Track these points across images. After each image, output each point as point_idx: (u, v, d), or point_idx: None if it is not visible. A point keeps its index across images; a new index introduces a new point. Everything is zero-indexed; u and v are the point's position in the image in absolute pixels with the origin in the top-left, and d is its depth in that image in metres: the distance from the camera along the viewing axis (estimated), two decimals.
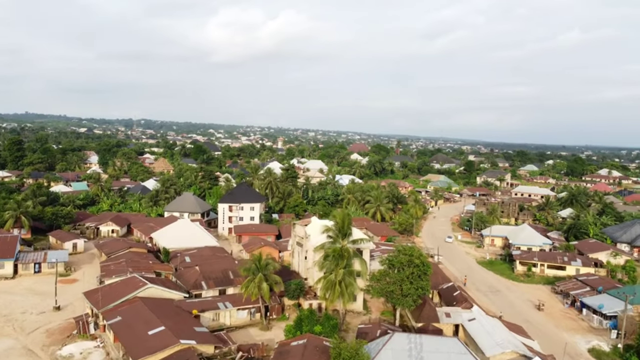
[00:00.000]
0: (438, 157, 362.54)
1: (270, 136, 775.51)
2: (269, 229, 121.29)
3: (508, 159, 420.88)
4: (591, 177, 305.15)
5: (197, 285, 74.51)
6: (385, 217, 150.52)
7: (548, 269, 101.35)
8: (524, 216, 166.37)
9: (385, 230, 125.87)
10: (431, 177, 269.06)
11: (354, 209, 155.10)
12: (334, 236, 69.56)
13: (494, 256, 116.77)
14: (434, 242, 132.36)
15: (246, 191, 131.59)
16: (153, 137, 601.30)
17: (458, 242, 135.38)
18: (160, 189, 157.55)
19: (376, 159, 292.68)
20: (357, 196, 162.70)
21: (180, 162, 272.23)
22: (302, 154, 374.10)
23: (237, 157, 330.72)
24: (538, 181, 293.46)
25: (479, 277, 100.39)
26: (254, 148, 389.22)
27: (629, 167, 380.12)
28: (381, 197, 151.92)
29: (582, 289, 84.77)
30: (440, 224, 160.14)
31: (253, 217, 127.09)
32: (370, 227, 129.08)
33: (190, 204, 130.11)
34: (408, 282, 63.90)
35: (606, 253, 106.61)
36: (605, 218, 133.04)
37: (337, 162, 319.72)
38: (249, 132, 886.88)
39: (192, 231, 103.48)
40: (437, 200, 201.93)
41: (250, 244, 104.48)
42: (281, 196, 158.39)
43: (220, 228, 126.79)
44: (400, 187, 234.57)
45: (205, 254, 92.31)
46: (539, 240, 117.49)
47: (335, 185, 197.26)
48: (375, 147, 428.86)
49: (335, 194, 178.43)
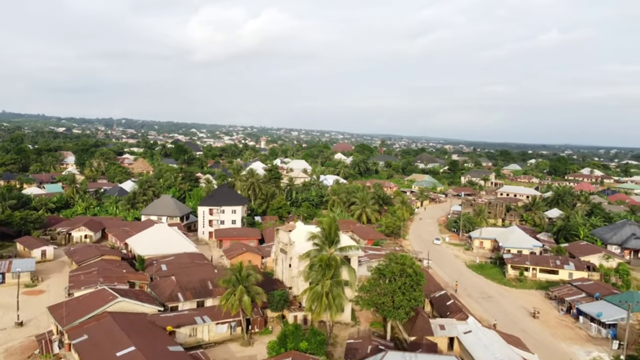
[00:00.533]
0: (422, 156, 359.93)
1: (253, 136, 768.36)
2: (251, 233, 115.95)
3: (491, 158, 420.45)
4: (574, 177, 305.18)
5: (173, 297, 68.99)
6: (371, 218, 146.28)
7: (540, 273, 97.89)
8: (510, 217, 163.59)
9: (372, 234, 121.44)
10: (416, 177, 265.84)
11: (339, 211, 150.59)
12: (320, 243, 64.70)
13: (483, 259, 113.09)
14: (421, 245, 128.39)
15: (227, 193, 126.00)
16: (134, 137, 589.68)
17: (446, 244, 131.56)
18: (137, 190, 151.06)
19: (360, 159, 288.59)
20: (342, 197, 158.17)
21: (160, 163, 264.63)
22: (285, 154, 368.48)
23: (219, 157, 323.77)
24: (522, 180, 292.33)
25: (469, 282, 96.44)
26: (237, 148, 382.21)
27: (610, 166, 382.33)
28: (367, 199, 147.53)
29: (578, 295, 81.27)
30: (427, 226, 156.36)
31: (235, 221, 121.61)
32: (357, 230, 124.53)
33: (168, 207, 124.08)
34: (400, 294, 59.35)
35: (598, 256, 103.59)
36: (594, 219, 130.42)
37: (321, 162, 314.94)
38: (232, 132, 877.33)
39: (170, 236, 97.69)
40: (423, 201, 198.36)
41: (231, 249, 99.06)
42: (264, 198, 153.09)
43: (200, 232, 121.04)
44: (385, 187, 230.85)
45: (183, 262, 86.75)
46: (529, 242, 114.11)
47: (319, 186, 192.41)
48: (359, 146, 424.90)
49: (320, 195, 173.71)
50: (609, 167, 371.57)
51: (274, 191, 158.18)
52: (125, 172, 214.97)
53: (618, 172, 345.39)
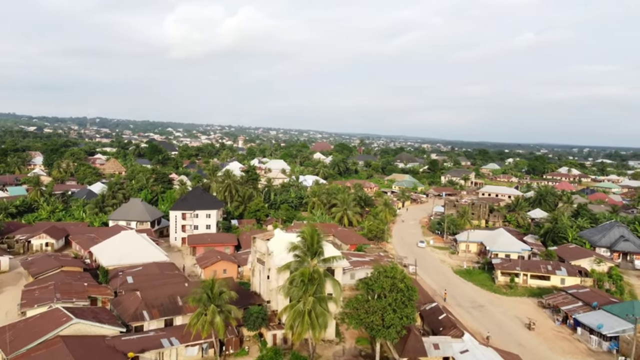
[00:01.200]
0: (402, 156, 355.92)
1: (230, 135, 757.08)
2: (227, 238, 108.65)
3: (469, 157, 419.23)
4: (552, 176, 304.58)
5: (138, 315, 61.63)
6: (353, 221, 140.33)
7: (531, 279, 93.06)
8: (494, 218, 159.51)
9: (355, 238, 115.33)
10: (396, 177, 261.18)
11: (319, 213, 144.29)
12: (302, 255, 58.18)
13: (471, 264, 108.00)
14: (405, 249, 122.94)
15: (201, 196, 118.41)
16: (108, 136, 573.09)
17: (430, 247, 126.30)
18: (107, 193, 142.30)
19: (340, 159, 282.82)
20: (322, 199, 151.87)
21: (133, 163, 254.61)
22: (263, 154, 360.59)
23: (195, 157, 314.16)
24: (501, 180, 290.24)
25: (458, 290, 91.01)
26: (214, 147, 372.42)
27: (586, 165, 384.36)
28: (348, 201, 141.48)
29: (574, 303, 76.37)
30: (409, 228, 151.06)
31: (209, 226, 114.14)
32: (338, 234, 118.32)
33: (138, 211, 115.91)
34: (391, 311, 53.16)
35: (589, 260, 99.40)
36: (580, 220, 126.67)
37: (300, 161, 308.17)
38: (209, 131, 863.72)
39: (138, 244, 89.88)
40: (404, 202, 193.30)
41: (204, 257, 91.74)
42: (241, 200, 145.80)
43: (172, 238, 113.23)
44: (366, 187, 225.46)
45: (152, 273, 79.25)
46: (517, 246, 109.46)
47: (298, 187, 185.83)
48: (338, 146, 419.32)
49: (299, 197, 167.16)
50: (585, 166, 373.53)
51: (251, 193, 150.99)
52: (96, 173, 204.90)
53: (594, 171, 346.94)
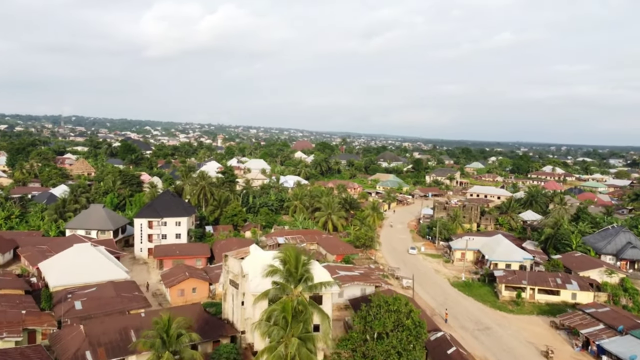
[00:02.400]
0: (385, 155, 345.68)
1: (210, 133, 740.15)
2: (199, 249, 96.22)
3: (452, 156, 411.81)
4: (537, 175, 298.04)
5: (79, 357, 49.27)
6: (338, 226, 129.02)
7: (538, 293, 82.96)
8: (486, 221, 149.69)
9: (341, 247, 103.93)
10: (380, 177, 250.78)
11: (301, 218, 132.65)
12: (283, 282, 46.61)
13: (469, 275, 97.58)
14: (396, 257, 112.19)
15: (171, 201, 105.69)
16: (83, 135, 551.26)
17: (422, 255, 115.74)
18: (68, 197, 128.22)
19: (322, 158, 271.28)
20: (304, 202, 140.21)
21: (104, 163, 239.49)
22: (243, 153, 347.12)
23: (171, 156, 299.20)
24: (486, 179, 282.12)
25: (460, 307, 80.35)
26: (191, 147, 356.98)
27: (568, 164, 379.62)
28: (333, 204, 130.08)
29: (595, 326, 66.20)
30: (398, 232, 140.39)
31: (179, 235, 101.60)
32: (323, 242, 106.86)
33: (98, 218, 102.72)
34: (395, 355, 41.94)
35: (599, 270, 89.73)
36: (582, 225, 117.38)
37: (281, 161, 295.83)
38: (188, 130, 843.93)
39: (93, 260, 77.10)
40: (390, 203, 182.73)
41: (170, 274, 79.32)
42: (217, 204, 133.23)
43: (137, 249, 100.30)
44: (349, 188, 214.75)
45: (106, 296, 66.70)
46: (518, 254, 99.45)
47: (279, 188, 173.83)
48: (320, 144, 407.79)
49: (280, 199, 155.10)
50: (568, 164, 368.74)
51: (227, 196, 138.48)
52: (62, 174, 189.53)
53: (577, 169, 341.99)
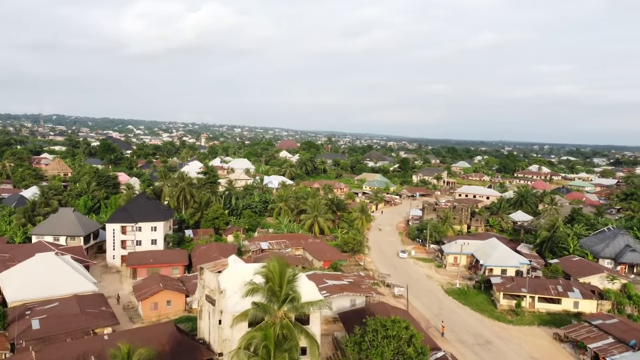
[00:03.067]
0: (371, 154, 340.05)
1: (194, 132, 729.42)
2: (176, 257, 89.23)
3: (438, 155, 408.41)
4: (523, 174, 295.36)
5: None
6: (325, 229, 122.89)
7: (538, 302, 77.75)
8: (476, 222, 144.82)
9: (329, 252, 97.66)
10: (366, 177, 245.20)
11: (286, 221, 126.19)
12: (265, 302, 40.34)
13: (463, 281, 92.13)
14: (385, 262, 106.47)
15: (146, 205, 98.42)
16: (63, 134, 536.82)
17: (413, 259, 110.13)
18: (39, 200, 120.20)
19: (307, 157, 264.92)
20: (290, 204, 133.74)
21: (82, 164, 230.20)
22: (226, 152, 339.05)
23: (153, 156, 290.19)
24: (473, 178, 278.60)
25: (456, 318, 74.72)
26: (173, 146, 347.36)
27: (553, 163, 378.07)
28: (319, 206, 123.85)
29: (603, 340, 60.92)
30: (386, 235, 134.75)
31: (155, 240, 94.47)
32: (309, 247, 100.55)
33: (68, 223, 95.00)
34: None
35: (599, 276, 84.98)
36: (577, 227, 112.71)
37: (265, 160, 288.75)
38: (172, 129, 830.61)
39: (56, 271, 69.75)
40: (378, 204, 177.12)
41: (143, 286, 72.35)
42: (197, 206, 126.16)
43: (109, 257, 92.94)
44: (336, 188, 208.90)
45: (68, 313, 59.61)
46: (514, 259, 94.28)
47: (263, 189, 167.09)
48: (305, 144, 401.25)
49: (264, 201, 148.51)
50: (554, 163, 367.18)
51: (209, 198, 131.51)
52: (37, 175, 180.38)
53: (563, 168, 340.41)
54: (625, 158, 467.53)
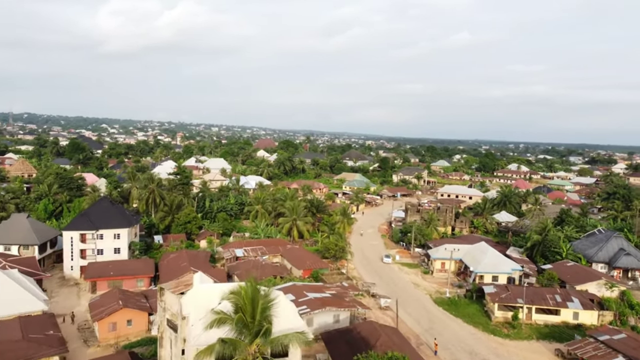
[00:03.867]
0: (350, 153, 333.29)
1: (170, 131, 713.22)
2: (141, 267, 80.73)
3: (417, 154, 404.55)
4: (503, 173, 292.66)
5: None
6: (304, 233, 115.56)
7: (536, 313, 71.81)
8: (460, 224, 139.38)
9: (309, 260, 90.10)
10: (346, 176, 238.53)
11: (263, 225, 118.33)
12: (235, 338, 32.84)
13: (452, 290, 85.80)
14: (368, 268, 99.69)
15: (109, 210, 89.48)
16: (33, 133, 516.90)
17: (398, 265, 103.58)
18: None
19: (285, 157, 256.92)
20: (267, 207, 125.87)
21: (49, 164, 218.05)
22: (202, 152, 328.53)
23: (125, 155, 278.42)
24: (453, 177, 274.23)
25: (448, 332, 68.17)
26: (147, 145, 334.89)
27: (532, 161, 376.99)
28: (298, 209, 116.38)
29: (612, 358, 55.05)
30: (369, 238, 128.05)
31: (118, 249, 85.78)
32: (288, 254, 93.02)
33: (21, 231, 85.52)
34: None
35: (597, 283, 79.62)
36: (568, 229, 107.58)
37: (242, 160, 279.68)
38: (147, 128, 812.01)
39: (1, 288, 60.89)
40: (359, 205, 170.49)
41: (100, 303, 63.83)
42: (168, 210, 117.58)
43: (67, 267, 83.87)
44: (315, 188, 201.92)
45: (8, 338, 50.99)
46: (506, 265, 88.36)
47: (239, 190, 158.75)
48: (283, 143, 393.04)
49: (240, 203, 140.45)
50: (532, 162, 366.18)
51: (180, 200, 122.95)
52: None
53: (541, 167, 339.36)
54: (601, 157, 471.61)
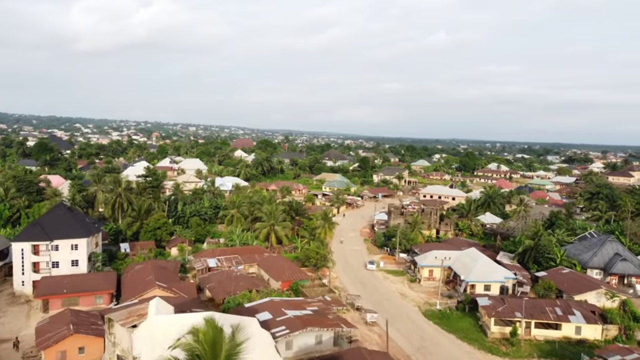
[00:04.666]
0: (330, 153, 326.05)
1: (146, 131, 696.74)
2: (100, 282, 72.14)
3: (397, 153, 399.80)
4: (483, 172, 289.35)
5: None
6: (282, 239, 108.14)
7: (535, 328, 65.80)
8: (445, 226, 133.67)
9: (288, 270, 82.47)
10: (326, 177, 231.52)
11: (239, 230, 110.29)
12: None
13: (443, 300, 79.43)
14: (351, 276, 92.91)
15: (65, 217, 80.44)
16: (2, 133, 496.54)
17: (382, 272, 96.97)
18: None
19: (263, 157, 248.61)
20: (243, 211, 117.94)
21: (14, 165, 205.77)
22: (178, 152, 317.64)
23: (96, 156, 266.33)
24: (434, 177, 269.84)
25: (441, 352, 61.54)
26: (120, 145, 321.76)
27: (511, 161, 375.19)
28: (276, 213, 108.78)
29: None
30: (351, 242, 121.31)
31: (76, 261, 76.97)
32: (265, 263, 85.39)
33: None
34: None
35: (597, 292, 74.24)
36: (559, 232, 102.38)
37: (219, 160, 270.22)
38: (123, 127, 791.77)
39: None
40: (340, 207, 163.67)
41: (48, 327, 55.26)
42: (136, 215, 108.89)
43: (16, 282, 74.72)
44: (294, 189, 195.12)
45: None
46: (499, 273, 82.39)
47: (214, 192, 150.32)
48: (262, 142, 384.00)
49: (215, 206, 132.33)
50: (511, 161, 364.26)
51: (150, 204, 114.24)
52: None
53: (521, 166, 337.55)
54: (577, 156, 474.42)
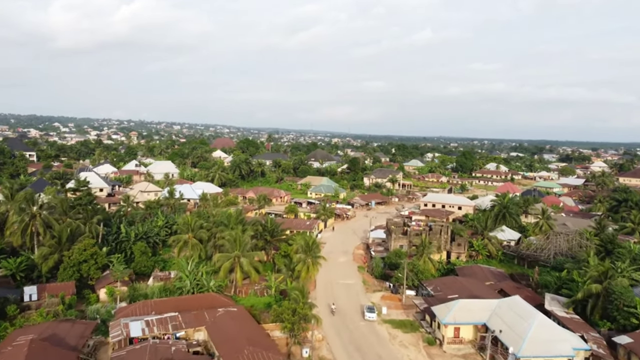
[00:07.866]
0: (316, 153, 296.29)
1: (127, 130, 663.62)
2: None
3: (387, 152, 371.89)
4: (482, 174, 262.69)
5: None
6: (251, 274, 78.71)
7: None
8: (458, 247, 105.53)
9: (250, 342, 53.22)
10: (311, 180, 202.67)
11: (192, 264, 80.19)
12: None
13: None
14: (345, 333, 64.30)
15: None
16: None
17: (386, 325, 68.57)
18: None
19: (242, 159, 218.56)
20: (201, 235, 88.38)
21: None
22: (152, 153, 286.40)
23: (56, 158, 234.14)
24: (429, 179, 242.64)
25: None
26: (87, 146, 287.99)
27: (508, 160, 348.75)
28: (243, 241, 79.28)
29: None
30: (342, 272, 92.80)
31: None
32: (217, 329, 55.81)
33: None
34: None
35: None
36: (622, 265, 73.86)
37: (193, 162, 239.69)
38: (104, 126, 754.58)
39: None
40: (327, 220, 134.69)
41: None
42: (56, 243, 79.35)
43: None
44: (274, 197, 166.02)
45: None
46: (565, 343, 54.09)
47: (174, 206, 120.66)
48: (243, 142, 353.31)
49: (171, 224, 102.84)
50: (508, 161, 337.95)
51: (78, 227, 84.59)
52: None
53: (519, 166, 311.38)
54: (573, 154, 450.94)
